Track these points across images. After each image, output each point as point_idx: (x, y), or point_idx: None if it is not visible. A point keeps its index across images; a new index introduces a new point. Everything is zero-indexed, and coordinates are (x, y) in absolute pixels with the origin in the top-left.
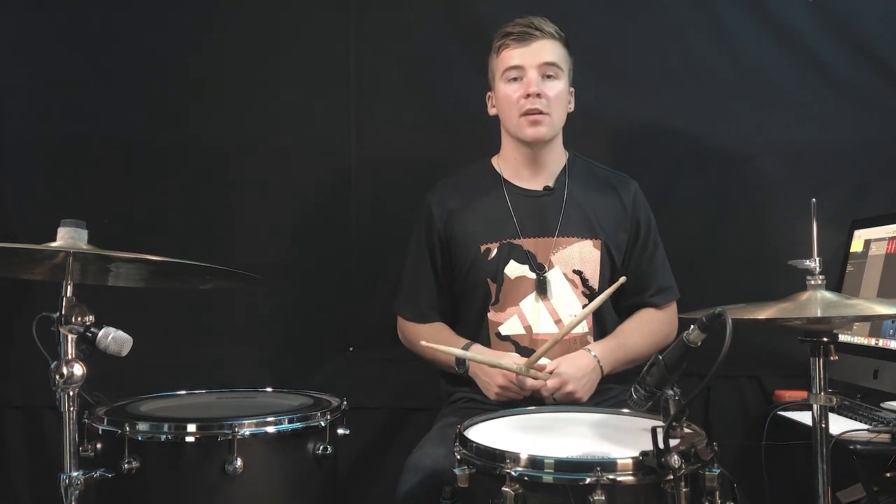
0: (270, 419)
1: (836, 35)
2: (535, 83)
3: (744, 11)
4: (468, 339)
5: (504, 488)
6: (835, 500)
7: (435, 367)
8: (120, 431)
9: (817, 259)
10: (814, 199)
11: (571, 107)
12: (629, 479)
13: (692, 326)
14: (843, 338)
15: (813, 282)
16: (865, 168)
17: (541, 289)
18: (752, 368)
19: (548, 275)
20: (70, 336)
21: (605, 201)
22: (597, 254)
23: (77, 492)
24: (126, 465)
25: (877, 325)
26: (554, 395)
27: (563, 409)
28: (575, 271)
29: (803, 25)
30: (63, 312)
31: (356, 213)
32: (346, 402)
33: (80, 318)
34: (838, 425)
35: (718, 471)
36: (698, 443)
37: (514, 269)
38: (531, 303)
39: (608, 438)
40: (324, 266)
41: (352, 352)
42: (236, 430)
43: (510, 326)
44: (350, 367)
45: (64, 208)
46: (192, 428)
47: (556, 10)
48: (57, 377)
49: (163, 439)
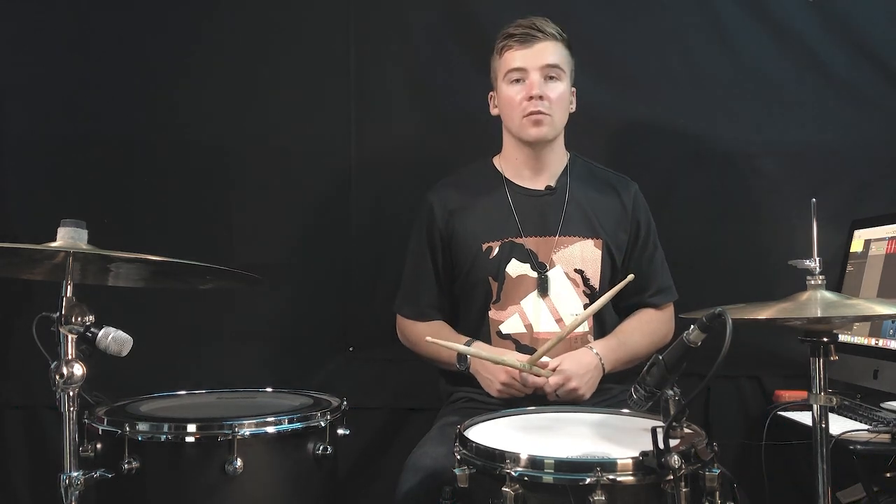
0: (270, 419)
1: (836, 35)
2: (538, 85)
3: (744, 11)
4: (469, 338)
5: (504, 488)
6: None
7: (435, 367)
8: (120, 431)
9: (817, 259)
10: (814, 199)
11: (573, 107)
12: (629, 479)
13: (692, 326)
14: (843, 338)
15: (813, 282)
16: (865, 168)
17: (542, 288)
18: (752, 368)
19: (549, 274)
20: (70, 336)
21: (605, 201)
22: (598, 253)
23: (77, 492)
24: (126, 466)
25: (877, 325)
26: (557, 392)
27: (563, 409)
28: (576, 270)
29: (803, 25)
30: (63, 312)
31: (356, 213)
32: (346, 402)
33: (80, 318)
34: (838, 425)
35: (718, 471)
36: (698, 443)
37: (515, 268)
38: (532, 301)
39: (608, 438)
40: (324, 266)
41: (352, 352)
42: (236, 430)
43: (511, 325)
44: (350, 367)
45: (64, 208)
46: (192, 428)
47: (556, 10)
48: (57, 377)
49: (163, 439)
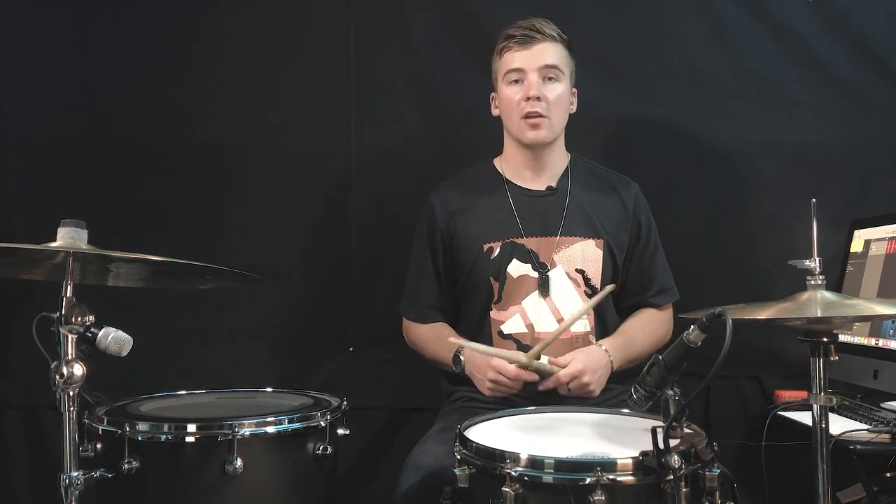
0: (270, 419)
1: (836, 35)
2: (536, 86)
3: (744, 11)
4: (469, 339)
5: (504, 488)
6: (835, 500)
7: (435, 367)
8: (120, 431)
9: (817, 259)
10: (814, 199)
11: (574, 108)
12: (629, 479)
13: (692, 326)
14: (843, 338)
15: (813, 282)
16: (865, 168)
17: (543, 288)
18: (752, 368)
19: (550, 274)
20: (70, 336)
21: (606, 202)
22: (599, 253)
23: (77, 492)
24: (126, 465)
25: (877, 325)
26: (569, 386)
27: (563, 408)
28: (577, 270)
29: (803, 25)
30: (63, 312)
31: (356, 213)
32: (346, 402)
33: (80, 318)
34: (838, 425)
35: (718, 471)
36: (698, 443)
37: (516, 268)
38: (533, 301)
39: (608, 438)
40: (324, 266)
41: (352, 352)
42: (236, 430)
43: (512, 325)
44: (350, 367)
45: (64, 208)
46: (192, 428)
47: (556, 10)
48: (57, 377)
49: (163, 439)
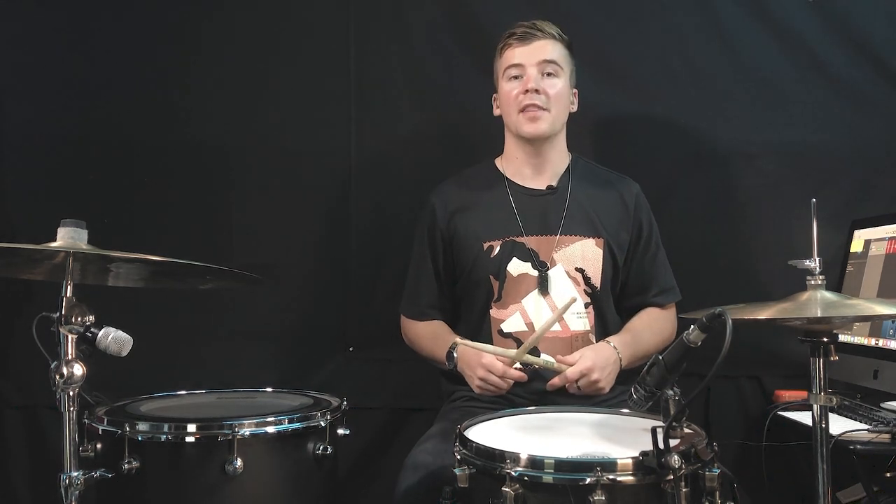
0: (270, 419)
1: (836, 35)
2: (534, 79)
3: (744, 11)
4: (469, 337)
5: (504, 488)
6: (835, 500)
7: (435, 367)
8: (120, 431)
9: (817, 259)
10: (814, 199)
11: (574, 107)
12: (629, 479)
13: (692, 326)
14: (843, 338)
15: (813, 282)
16: (865, 168)
17: (543, 286)
18: (752, 368)
19: (550, 272)
20: (70, 336)
21: (607, 201)
22: (599, 252)
23: (77, 492)
24: (126, 465)
25: (877, 325)
26: (578, 384)
27: (563, 408)
28: (577, 269)
29: (803, 25)
30: (63, 312)
31: (356, 212)
32: (346, 402)
33: (80, 318)
34: (838, 425)
35: (718, 471)
36: (698, 443)
37: (516, 267)
38: (533, 300)
39: (608, 438)
40: (324, 266)
41: (352, 352)
42: (236, 430)
43: (512, 323)
44: (350, 367)
45: (64, 208)
46: (192, 428)
47: (556, 10)
48: (57, 377)
49: (163, 439)
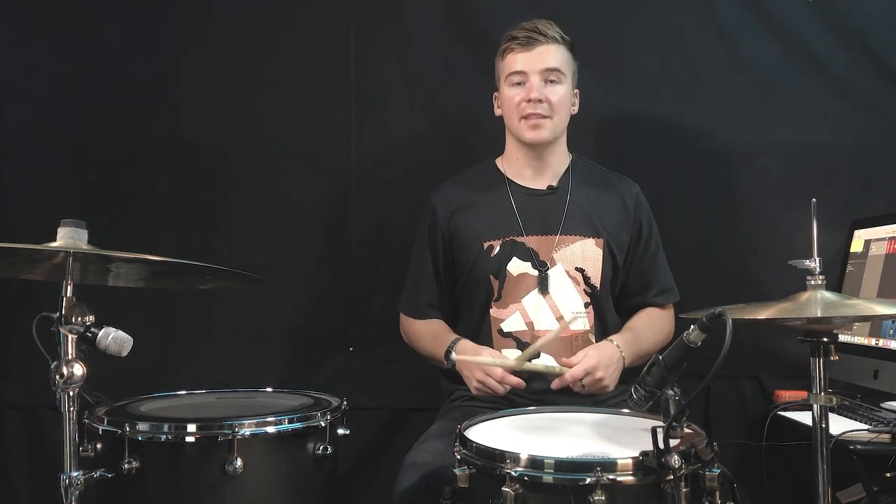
0: (270, 419)
1: (836, 35)
2: (537, 88)
3: (744, 11)
4: (469, 337)
5: (504, 488)
6: (835, 500)
7: (435, 367)
8: (120, 431)
9: (817, 259)
10: (814, 199)
11: (576, 109)
12: (629, 479)
13: (692, 326)
14: (843, 338)
15: (813, 282)
16: (865, 168)
17: (543, 286)
18: (752, 368)
19: (550, 272)
20: (70, 336)
21: (607, 202)
22: (599, 252)
23: (77, 492)
24: (126, 465)
25: (877, 325)
26: (583, 381)
27: (563, 408)
28: (577, 269)
29: (803, 25)
30: (63, 312)
31: (356, 212)
32: (346, 402)
33: (80, 318)
34: (838, 425)
35: (718, 471)
36: (698, 443)
37: (516, 266)
38: (533, 299)
39: (608, 438)
40: (324, 266)
41: (352, 352)
42: (236, 430)
43: (512, 323)
44: (350, 367)
45: (64, 208)
46: (192, 428)
47: (556, 10)
48: (57, 377)
49: (163, 439)
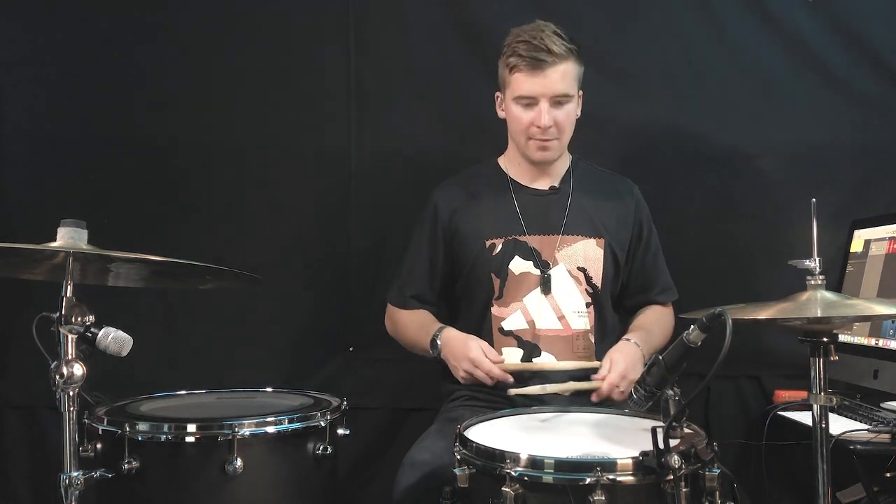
0: (270, 419)
1: (836, 35)
2: (546, 114)
3: (744, 12)
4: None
5: (504, 488)
6: (835, 500)
7: (435, 367)
8: (120, 431)
9: (817, 259)
10: (814, 199)
11: (578, 112)
12: (629, 479)
13: (692, 326)
14: (843, 338)
15: (813, 282)
16: (865, 168)
17: (545, 285)
18: (752, 368)
19: (552, 272)
20: (70, 336)
21: (608, 202)
22: (600, 252)
23: (77, 492)
24: (126, 465)
25: (877, 325)
26: (620, 388)
27: (563, 408)
28: (579, 268)
29: (803, 25)
30: (63, 312)
31: (356, 213)
32: (346, 402)
33: (80, 318)
34: (838, 425)
35: (718, 471)
36: (698, 443)
37: (518, 265)
38: (535, 299)
39: (608, 438)
40: (324, 266)
41: (352, 352)
42: (236, 430)
43: (513, 321)
44: (350, 367)
45: (64, 208)
46: (192, 428)
47: (556, 10)
48: (57, 377)
49: (163, 439)
